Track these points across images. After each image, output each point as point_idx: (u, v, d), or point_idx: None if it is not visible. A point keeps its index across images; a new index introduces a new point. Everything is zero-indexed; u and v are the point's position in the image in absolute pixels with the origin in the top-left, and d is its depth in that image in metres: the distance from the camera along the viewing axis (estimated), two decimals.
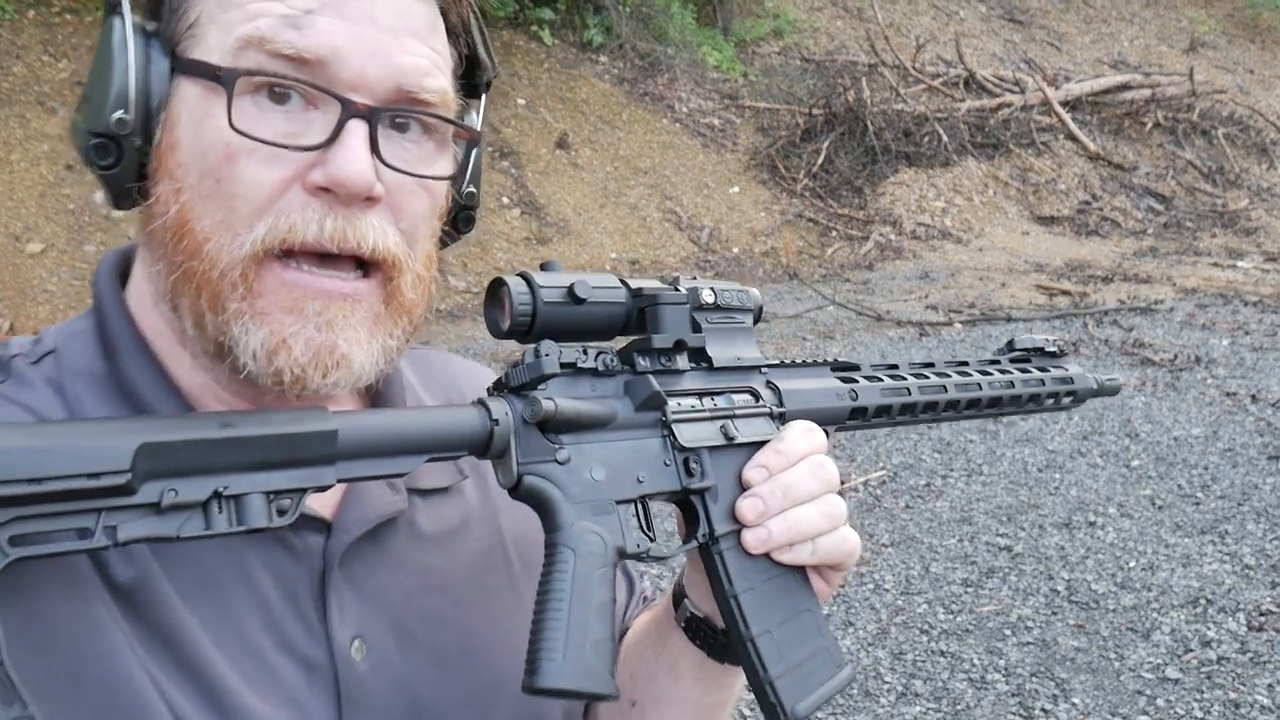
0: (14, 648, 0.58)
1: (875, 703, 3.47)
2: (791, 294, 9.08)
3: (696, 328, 0.85)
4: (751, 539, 0.81)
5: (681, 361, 0.85)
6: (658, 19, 11.75)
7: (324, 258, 0.71)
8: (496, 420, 0.74)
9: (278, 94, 0.69)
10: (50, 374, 0.75)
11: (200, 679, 0.69)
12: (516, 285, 0.74)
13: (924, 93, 12.71)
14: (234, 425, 0.63)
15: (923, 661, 3.69)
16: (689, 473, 0.83)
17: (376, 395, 0.84)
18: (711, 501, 0.83)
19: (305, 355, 0.70)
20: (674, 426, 0.82)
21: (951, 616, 3.99)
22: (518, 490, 0.75)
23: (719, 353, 0.87)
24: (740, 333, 0.89)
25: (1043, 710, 3.41)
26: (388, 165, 0.71)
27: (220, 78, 0.67)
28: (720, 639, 0.87)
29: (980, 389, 1.04)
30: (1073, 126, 12.64)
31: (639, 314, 0.83)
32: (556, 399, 0.75)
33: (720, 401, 0.86)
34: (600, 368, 0.79)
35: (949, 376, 1.03)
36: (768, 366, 0.91)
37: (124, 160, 0.70)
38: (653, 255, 9.63)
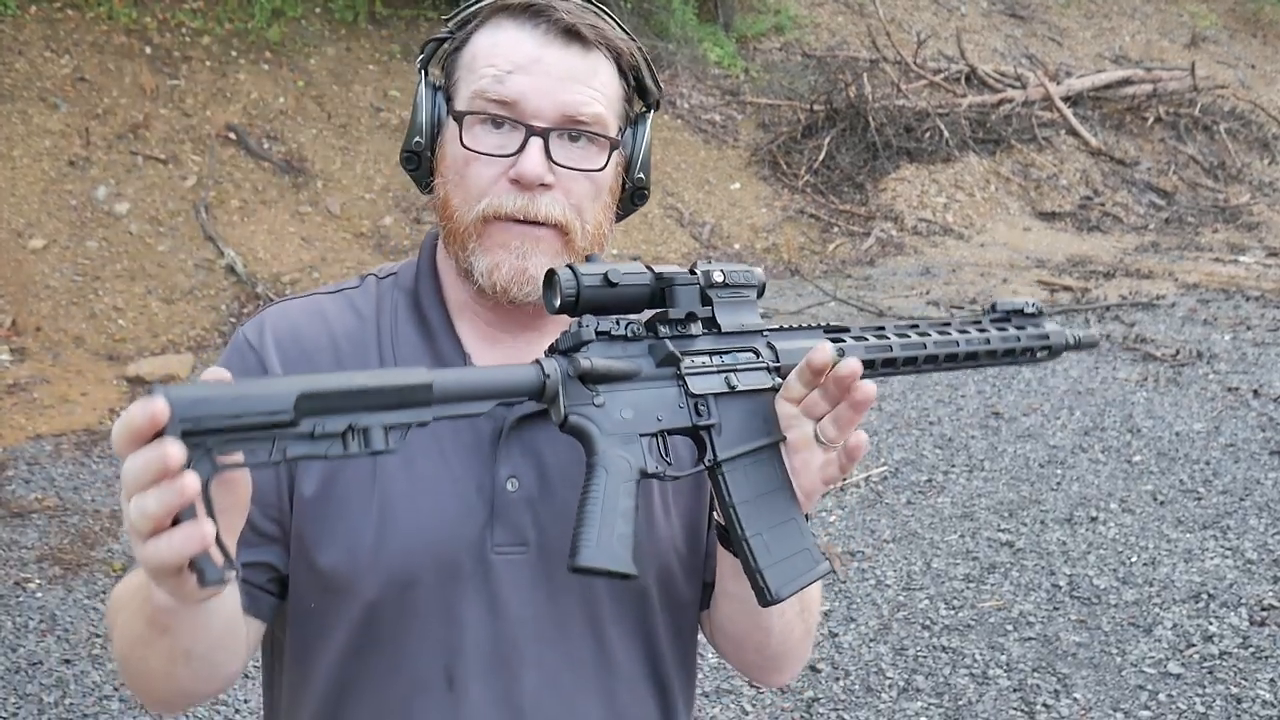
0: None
1: (877, 698, 3.48)
2: (793, 290, 9.08)
3: (707, 301, 1.07)
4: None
5: (695, 329, 1.06)
6: (659, 15, 11.73)
7: (529, 222, 1.10)
8: (548, 375, 0.97)
9: (495, 123, 1.09)
10: (385, 287, 1.20)
11: (383, 481, 1.10)
12: (565, 274, 0.99)
13: (925, 88, 12.69)
14: (362, 379, 0.87)
15: (924, 657, 3.70)
16: (698, 413, 1.05)
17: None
18: (716, 435, 1.05)
19: (509, 275, 1.09)
20: (687, 379, 1.04)
21: (953, 612, 3.99)
22: (565, 426, 0.99)
23: (727, 320, 1.08)
24: (745, 305, 1.10)
25: (1044, 705, 3.41)
26: (557, 163, 1.09)
27: (458, 116, 1.10)
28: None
29: (958, 345, 1.19)
30: (1074, 122, 12.62)
31: (661, 293, 1.05)
32: (593, 358, 0.99)
33: (726, 359, 1.07)
34: (629, 334, 1.03)
35: (929, 335, 1.18)
36: (768, 330, 1.11)
37: (422, 167, 1.15)
38: (654, 251, 9.62)
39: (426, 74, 1.15)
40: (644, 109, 1.20)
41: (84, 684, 3.51)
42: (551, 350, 1.02)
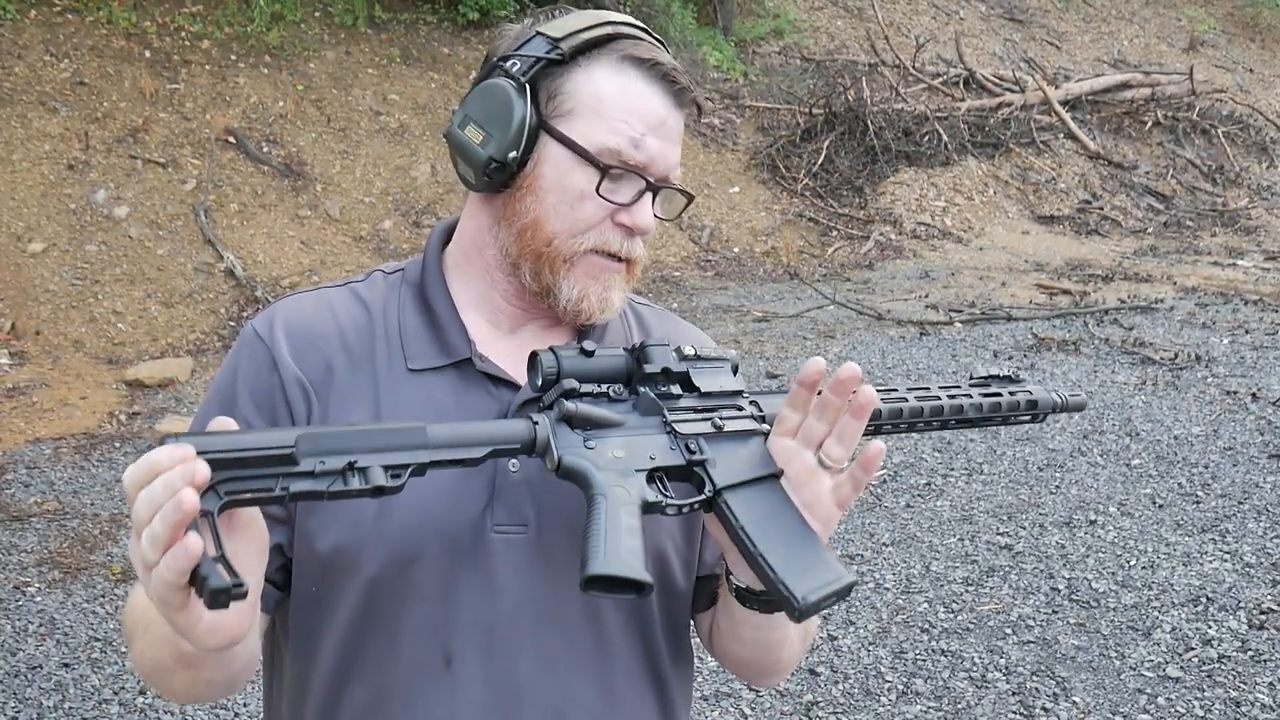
0: None
1: (876, 701, 3.48)
2: (792, 293, 9.09)
3: (682, 367, 1.13)
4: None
5: (678, 390, 1.11)
6: (658, 19, 11.75)
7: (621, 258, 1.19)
8: (537, 423, 1.02)
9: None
10: (392, 281, 1.25)
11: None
12: (546, 356, 1.06)
13: (924, 92, 12.71)
14: (362, 426, 0.94)
15: (923, 660, 3.70)
16: (690, 451, 1.07)
17: (588, 329, 1.26)
18: (712, 468, 1.07)
19: (596, 303, 1.17)
20: (674, 424, 1.08)
21: (952, 615, 3.99)
22: (560, 470, 1.02)
23: (706, 384, 1.12)
24: (723, 374, 1.14)
25: (1043, 709, 3.41)
26: (657, 216, 1.19)
27: (597, 164, 1.14)
28: (759, 597, 1.11)
29: (940, 400, 1.22)
30: (1073, 126, 12.63)
31: (637, 362, 1.10)
32: (577, 404, 1.04)
33: (710, 412, 1.11)
34: (612, 394, 1.08)
35: (911, 394, 1.21)
36: (750, 393, 1.15)
37: (505, 176, 1.16)
38: (653, 255, 9.63)
39: (519, 80, 1.15)
40: None
41: (83, 688, 3.51)
42: (540, 408, 1.07)
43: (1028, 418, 1.29)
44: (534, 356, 1.06)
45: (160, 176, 8.20)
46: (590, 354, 1.07)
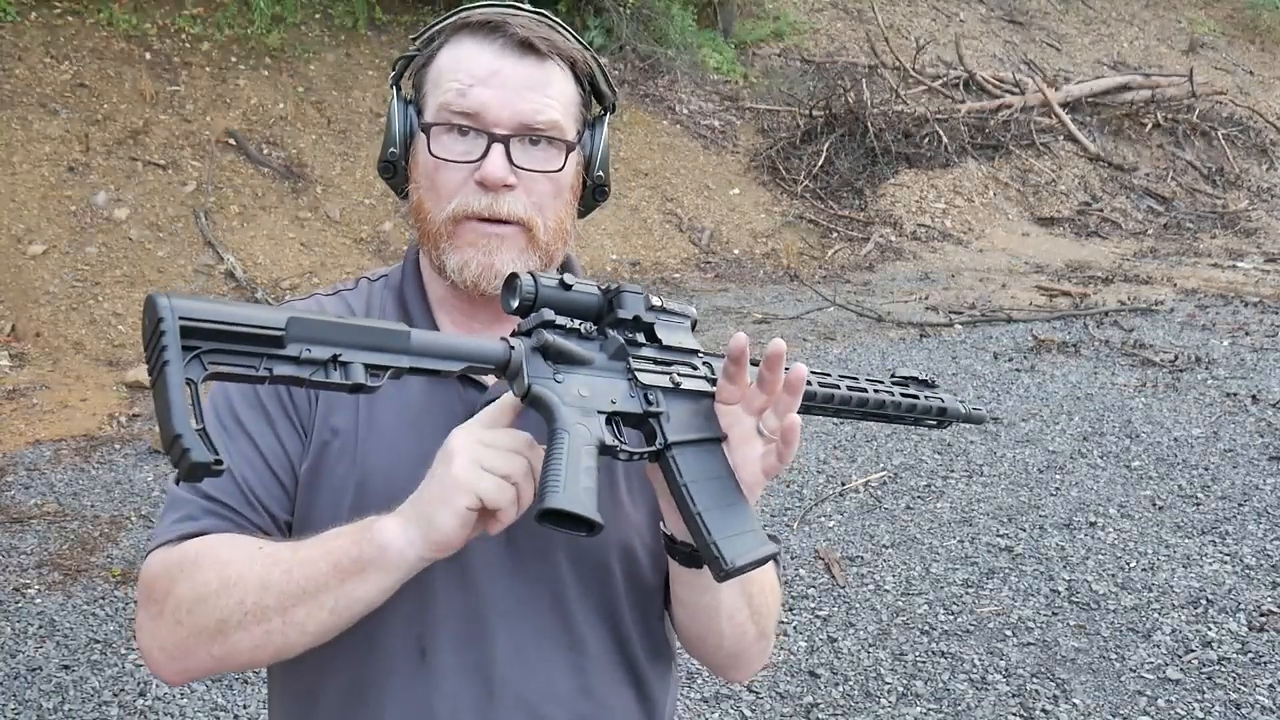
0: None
1: (876, 703, 3.48)
2: (792, 295, 9.09)
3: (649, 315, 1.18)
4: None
5: (641, 339, 1.15)
6: (658, 21, 11.75)
7: (495, 220, 1.20)
8: (513, 348, 1.05)
9: (460, 132, 1.19)
10: (376, 287, 1.32)
11: (363, 456, 1.19)
12: (525, 279, 1.08)
13: (924, 94, 12.71)
14: (352, 320, 0.96)
15: (923, 662, 3.70)
16: (648, 402, 1.12)
17: None
18: (665, 421, 1.12)
19: (477, 270, 1.20)
20: (637, 373, 1.13)
21: (952, 617, 3.99)
22: (527, 397, 1.05)
23: (667, 338, 1.17)
24: (682, 329, 1.19)
25: (1043, 711, 3.41)
26: (517, 166, 1.19)
27: (424, 128, 1.21)
28: (685, 549, 1.16)
29: (867, 393, 1.29)
30: (1072, 128, 12.64)
31: (609, 303, 1.13)
32: (555, 337, 1.07)
33: (669, 366, 1.16)
34: (584, 332, 1.11)
35: (843, 381, 1.29)
36: (704, 353, 1.20)
37: (398, 175, 1.26)
38: (654, 257, 9.63)
39: (399, 89, 1.25)
40: (601, 112, 1.30)
41: (83, 690, 3.50)
42: (515, 334, 1.11)
43: (934, 423, 1.39)
44: (513, 277, 1.08)
45: (160, 178, 8.21)
46: (568, 287, 1.10)
